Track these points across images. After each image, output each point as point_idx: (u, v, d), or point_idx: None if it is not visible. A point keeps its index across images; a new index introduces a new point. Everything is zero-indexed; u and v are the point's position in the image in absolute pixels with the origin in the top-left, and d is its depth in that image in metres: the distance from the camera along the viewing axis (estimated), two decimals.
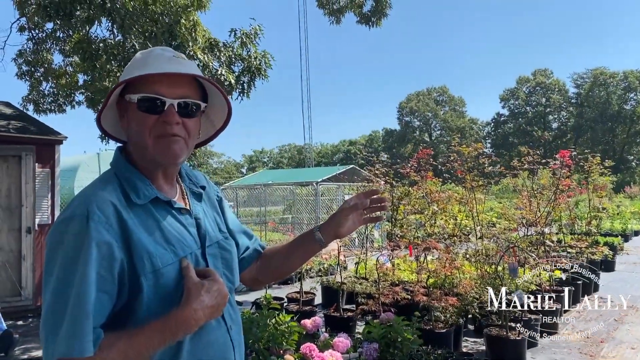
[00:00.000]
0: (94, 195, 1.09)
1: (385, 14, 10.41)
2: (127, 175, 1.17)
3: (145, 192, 1.15)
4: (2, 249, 7.07)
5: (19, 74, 10.57)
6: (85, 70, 8.38)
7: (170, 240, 1.14)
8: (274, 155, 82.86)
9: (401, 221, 7.23)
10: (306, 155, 38.37)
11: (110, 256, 1.04)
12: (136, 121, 1.16)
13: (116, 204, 1.09)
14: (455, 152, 7.16)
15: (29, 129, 7.90)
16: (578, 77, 64.55)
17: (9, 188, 7.15)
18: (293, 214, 16.97)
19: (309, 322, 4.80)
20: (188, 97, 1.18)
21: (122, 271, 1.06)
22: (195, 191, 1.32)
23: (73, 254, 1.02)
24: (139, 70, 1.15)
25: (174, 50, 1.24)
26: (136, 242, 1.08)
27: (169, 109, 1.14)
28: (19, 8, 9.41)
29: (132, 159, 1.21)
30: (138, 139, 1.17)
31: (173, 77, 1.16)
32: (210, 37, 7.64)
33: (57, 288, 1.01)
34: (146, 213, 1.14)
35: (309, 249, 1.45)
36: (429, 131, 70.07)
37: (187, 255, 1.16)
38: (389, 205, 1.46)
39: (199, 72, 1.21)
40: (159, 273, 1.09)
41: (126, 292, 1.08)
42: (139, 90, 1.15)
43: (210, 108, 1.30)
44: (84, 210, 1.05)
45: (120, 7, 6.88)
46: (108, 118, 1.24)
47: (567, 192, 7.63)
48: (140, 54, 1.24)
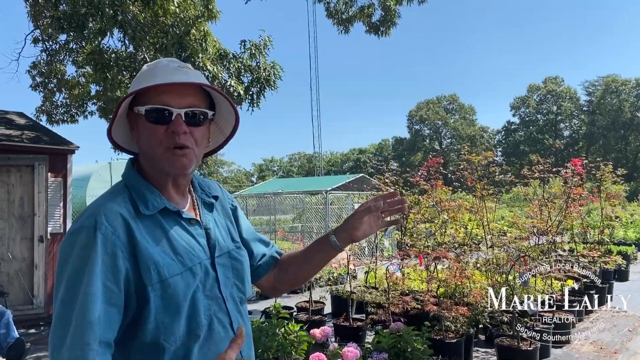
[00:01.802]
0: (103, 206, 1.11)
1: (394, 23, 10.45)
2: (136, 186, 1.19)
3: (154, 203, 1.17)
4: (15, 258, 7.14)
5: (33, 85, 10.75)
6: (98, 80, 8.52)
7: (177, 250, 1.15)
8: (283, 164, 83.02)
9: (411, 230, 7.20)
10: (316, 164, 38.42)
11: (115, 267, 1.06)
12: (145, 132, 1.18)
13: (125, 215, 1.11)
14: (465, 161, 7.13)
15: (42, 139, 8.01)
16: (590, 85, 64.11)
17: (22, 197, 7.24)
18: (303, 223, 16.97)
19: (318, 331, 4.79)
20: (195, 106, 1.19)
21: (127, 281, 1.07)
22: (207, 201, 1.33)
23: (80, 264, 1.04)
24: (146, 82, 1.17)
25: (180, 61, 1.25)
26: (143, 252, 1.09)
27: (176, 118, 1.16)
28: (34, 20, 9.59)
29: (143, 170, 1.23)
30: (147, 150, 1.19)
31: (180, 87, 1.18)
32: (220, 47, 7.72)
33: (64, 299, 1.03)
34: (155, 223, 1.15)
35: (326, 254, 1.43)
36: (439, 139, 69.86)
37: (196, 265, 1.17)
38: (407, 206, 1.40)
39: (205, 81, 1.22)
40: (165, 283, 1.10)
41: (134, 303, 1.08)
42: (147, 101, 1.17)
43: (219, 116, 1.31)
44: (92, 222, 1.07)
45: (132, 19, 6.99)
46: (119, 131, 1.26)
47: (579, 200, 7.56)
48: (147, 66, 1.26)
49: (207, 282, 1.19)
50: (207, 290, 1.18)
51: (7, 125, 8.37)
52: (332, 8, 11.01)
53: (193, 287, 1.14)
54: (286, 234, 15.85)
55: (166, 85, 1.16)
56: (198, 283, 1.16)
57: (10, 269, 7.10)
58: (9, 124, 8.50)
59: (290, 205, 17.42)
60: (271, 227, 16.24)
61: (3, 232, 7.09)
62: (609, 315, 7.42)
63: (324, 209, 14.89)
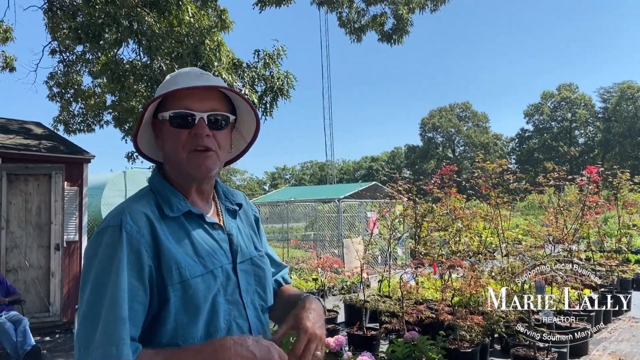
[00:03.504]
0: (128, 207, 1.14)
1: (406, 31, 10.47)
2: (161, 190, 1.22)
3: (178, 206, 1.19)
4: (31, 266, 7.23)
5: (50, 95, 10.96)
6: (113, 90, 8.64)
7: (200, 252, 1.17)
8: (296, 172, 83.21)
9: (425, 238, 7.16)
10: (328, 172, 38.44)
11: (140, 265, 1.08)
12: (169, 137, 1.21)
13: (149, 216, 1.14)
14: (479, 168, 7.09)
15: (59, 148, 8.13)
16: (605, 92, 63.37)
17: (39, 206, 7.34)
18: (315, 231, 16.94)
19: (332, 340, 4.77)
20: (217, 110, 1.22)
21: (151, 279, 1.09)
22: (231, 208, 1.35)
23: (106, 262, 1.06)
24: (169, 89, 1.21)
25: (201, 70, 1.29)
26: (165, 252, 1.11)
27: (199, 122, 1.19)
28: (51, 32, 9.79)
29: (168, 177, 1.26)
30: (172, 155, 1.22)
31: (202, 92, 1.21)
32: (233, 57, 7.80)
33: (91, 297, 1.05)
34: (178, 225, 1.18)
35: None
36: (452, 147, 69.50)
37: (217, 268, 1.18)
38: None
39: (225, 86, 1.26)
40: (186, 284, 1.11)
41: (155, 302, 1.10)
42: (170, 107, 1.21)
43: (240, 122, 1.34)
44: (117, 221, 1.10)
45: (147, 29, 7.08)
46: (144, 140, 1.30)
47: (595, 208, 7.47)
48: (169, 76, 1.30)
49: (229, 287, 1.19)
50: (228, 294, 1.19)
51: (26, 135, 8.52)
52: (345, 17, 11.07)
53: (214, 290, 1.15)
54: (299, 242, 15.84)
55: (188, 90, 1.19)
56: (219, 287, 1.17)
57: (27, 277, 7.19)
58: (27, 134, 8.65)
59: (303, 213, 17.41)
60: (284, 235, 16.24)
61: (20, 240, 7.19)
62: (628, 325, 7.29)
63: (336, 217, 14.86)
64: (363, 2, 10.81)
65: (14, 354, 5.52)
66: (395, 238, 7.47)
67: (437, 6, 10.63)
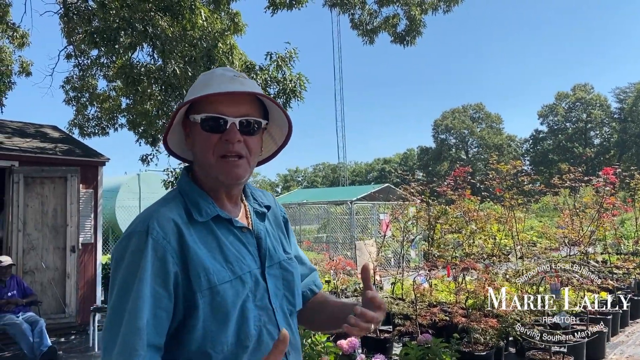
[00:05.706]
0: (156, 212, 1.13)
1: (419, 32, 10.43)
2: (190, 194, 1.20)
3: (206, 210, 1.17)
4: (48, 268, 7.33)
5: (66, 99, 11.12)
6: (128, 94, 8.73)
7: (228, 258, 1.15)
8: (308, 174, 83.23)
9: (438, 241, 7.12)
10: (340, 174, 38.41)
11: (165, 271, 1.07)
12: (200, 141, 1.19)
13: (177, 221, 1.12)
14: (493, 170, 7.04)
15: (74, 152, 8.24)
16: (620, 92, 62.55)
17: (55, 208, 7.44)
18: (328, 233, 16.95)
19: (345, 342, 4.76)
20: (249, 115, 1.19)
21: (176, 286, 1.08)
22: (259, 210, 1.32)
23: (130, 270, 1.06)
24: (201, 91, 1.18)
25: (235, 70, 1.26)
26: (193, 257, 1.10)
27: (231, 127, 1.17)
28: (67, 37, 9.93)
29: (197, 178, 1.24)
30: (202, 158, 1.20)
31: (235, 96, 1.18)
32: (246, 60, 7.84)
33: (115, 304, 1.05)
34: (207, 230, 1.16)
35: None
36: (465, 149, 69.04)
37: (246, 274, 1.16)
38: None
39: (259, 90, 1.23)
40: (214, 290, 1.09)
41: (181, 308, 1.09)
42: (203, 110, 1.18)
43: (272, 125, 1.31)
44: (144, 227, 1.09)
45: (161, 33, 7.15)
46: (174, 139, 1.28)
47: (612, 210, 7.37)
48: (203, 75, 1.27)
49: (258, 292, 1.17)
50: (257, 300, 1.17)
51: (42, 139, 8.64)
52: (357, 19, 11.07)
53: (243, 296, 1.13)
54: (312, 244, 15.84)
55: (221, 94, 1.17)
56: (248, 292, 1.15)
57: (43, 279, 7.29)
58: (44, 137, 8.78)
59: (315, 215, 17.43)
60: (296, 237, 16.24)
61: (37, 242, 7.29)
62: None
63: (349, 219, 14.85)
64: (375, 3, 10.80)
65: (31, 354, 5.60)
66: (408, 240, 7.44)
67: (450, 7, 10.58)
